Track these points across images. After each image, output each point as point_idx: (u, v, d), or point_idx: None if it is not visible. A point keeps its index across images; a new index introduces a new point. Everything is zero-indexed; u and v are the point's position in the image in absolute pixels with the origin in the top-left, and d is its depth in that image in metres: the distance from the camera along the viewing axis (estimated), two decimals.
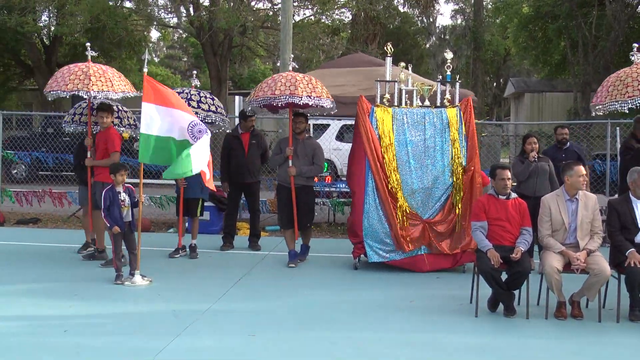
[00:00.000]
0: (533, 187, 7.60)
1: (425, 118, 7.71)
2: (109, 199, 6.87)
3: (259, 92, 7.87)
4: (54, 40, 22.93)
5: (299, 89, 7.63)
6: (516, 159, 8.02)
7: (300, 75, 7.98)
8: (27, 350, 4.84)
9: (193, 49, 38.15)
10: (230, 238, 8.96)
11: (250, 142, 8.81)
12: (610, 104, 7.25)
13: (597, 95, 7.74)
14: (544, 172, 7.69)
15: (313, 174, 8.12)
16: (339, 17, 23.17)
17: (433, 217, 7.62)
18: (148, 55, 7.57)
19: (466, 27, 31.57)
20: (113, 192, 6.90)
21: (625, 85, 7.20)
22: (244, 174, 8.72)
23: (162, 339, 5.06)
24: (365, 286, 7.03)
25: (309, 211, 8.09)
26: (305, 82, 7.75)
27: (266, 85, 7.89)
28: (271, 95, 7.69)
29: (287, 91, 7.62)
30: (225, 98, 21.98)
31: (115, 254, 6.98)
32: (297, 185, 7.92)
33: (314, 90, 7.74)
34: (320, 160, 8.05)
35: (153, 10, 20.88)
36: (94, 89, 7.36)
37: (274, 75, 8.19)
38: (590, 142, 15.08)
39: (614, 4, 18.17)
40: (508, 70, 39.82)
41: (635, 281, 5.65)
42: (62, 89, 7.42)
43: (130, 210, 7.00)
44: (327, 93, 7.96)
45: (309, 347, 5.03)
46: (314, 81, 7.93)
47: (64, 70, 7.67)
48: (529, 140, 7.87)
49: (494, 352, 5.00)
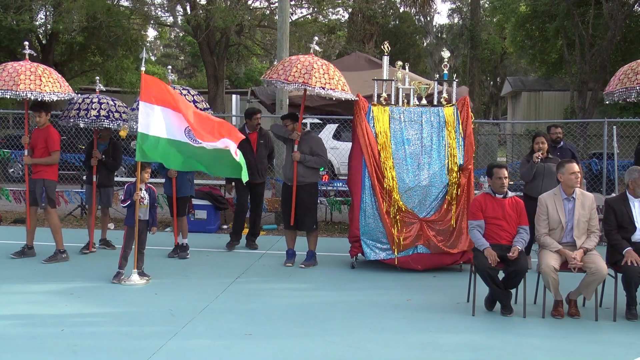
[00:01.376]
0: (538, 188, 7.36)
1: (422, 117, 7.71)
2: (129, 194, 6.95)
3: (274, 74, 7.65)
4: (51, 39, 22.87)
5: (314, 78, 7.38)
6: (523, 158, 7.94)
7: (319, 62, 7.66)
8: (24, 349, 4.83)
9: (190, 48, 38.10)
10: (237, 237, 8.90)
11: (259, 142, 8.69)
12: (620, 90, 7.41)
13: (609, 84, 7.88)
14: (551, 173, 7.39)
15: (318, 164, 7.87)
16: (336, 17, 23.19)
17: (430, 215, 7.62)
18: (145, 54, 7.52)
19: (463, 26, 31.59)
20: (135, 188, 6.93)
21: (635, 73, 7.37)
22: (253, 174, 8.38)
23: (159, 338, 5.06)
24: (362, 285, 7.03)
25: (308, 212, 7.88)
26: (321, 72, 7.48)
27: (282, 68, 7.64)
28: (284, 80, 7.49)
29: (301, 79, 7.39)
30: (223, 97, 21.97)
31: (123, 251, 6.98)
32: (301, 183, 7.82)
33: (328, 82, 7.47)
34: (321, 152, 7.86)
35: (150, 9, 20.86)
36: (22, 87, 7.37)
37: (292, 58, 7.88)
38: (587, 141, 15.12)
39: (611, 3, 18.19)
40: (505, 69, 39.89)
41: (631, 280, 5.66)
42: (12, 89, 7.38)
43: (148, 209, 7.05)
44: (343, 84, 7.68)
45: (305, 346, 5.02)
46: (332, 71, 7.64)
47: (9, 70, 7.57)
48: (538, 140, 7.73)
49: (491, 350, 5.00)
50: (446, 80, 8.01)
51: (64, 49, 24.08)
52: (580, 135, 16.57)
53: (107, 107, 8.16)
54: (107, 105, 8.19)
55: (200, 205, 10.22)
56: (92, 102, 8.15)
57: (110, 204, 8.85)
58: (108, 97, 8.44)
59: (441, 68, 8.33)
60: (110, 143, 8.62)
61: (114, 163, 8.60)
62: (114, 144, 8.67)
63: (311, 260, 7.92)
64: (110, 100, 8.34)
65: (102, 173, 8.47)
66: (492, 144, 16.75)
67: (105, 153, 8.48)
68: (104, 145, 8.56)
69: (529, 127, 20.17)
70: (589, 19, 18.92)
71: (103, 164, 8.44)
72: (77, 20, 18.75)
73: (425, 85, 8.08)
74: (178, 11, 21.09)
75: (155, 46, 47.24)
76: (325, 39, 23.76)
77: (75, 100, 8.19)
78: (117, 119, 8.17)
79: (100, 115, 8.07)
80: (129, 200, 6.94)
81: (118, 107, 8.30)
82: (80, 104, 8.15)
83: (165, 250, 8.41)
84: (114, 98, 8.55)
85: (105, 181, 8.57)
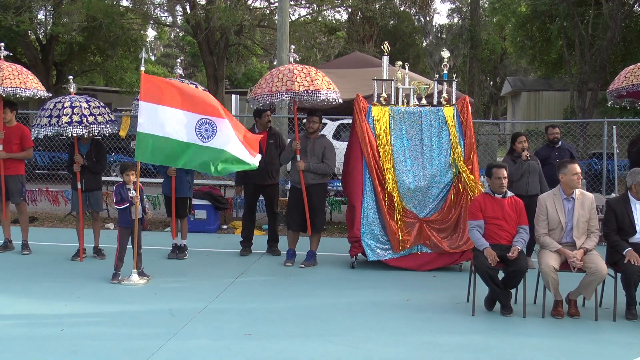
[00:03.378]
0: (525, 186, 7.65)
1: (422, 117, 7.71)
2: (119, 195, 6.91)
3: (257, 90, 7.75)
4: (50, 39, 22.87)
5: (296, 83, 7.44)
6: (508, 159, 7.97)
7: (299, 67, 7.73)
8: (24, 349, 4.83)
9: (190, 48, 38.10)
10: (249, 242, 8.57)
11: (268, 142, 8.33)
12: (625, 87, 7.50)
13: (614, 82, 7.95)
14: (535, 170, 7.77)
15: (322, 172, 7.85)
16: (336, 17, 23.20)
17: (430, 215, 7.63)
18: (145, 54, 7.45)
19: (463, 26, 31.59)
20: (124, 189, 6.93)
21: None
22: (263, 175, 8.20)
23: (158, 338, 5.06)
24: (362, 285, 7.03)
25: (319, 213, 7.88)
26: (302, 76, 7.53)
27: (264, 82, 7.74)
28: (268, 93, 7.54)
29: (284, 87, 7.45)
30: (222, 97, 21.98)
31: (118, 252, 6.97)
32: (309, 183, 7.78)
33: (312, 84, 7.50)
34: (330, 159, 7.84)
35: (149, 9, 20.87)
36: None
37: (272, 70, 7.96)
38: (586, 140, 15.12)
39: (611, 3, 18.20)
40: (505, 69, 39.92)
41: (631, 279, 5.65)
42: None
43: (140, 208, 7.02)
44: (328, 84, 7.69)
45: (305, 346, 5.02)
46: (314, 72, 7.68)
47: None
48: (520, 139, 7.87)
49: (491, 350, 5.00)
50: (446, 80, 8.00)
51: (63, 49, 24.09)
52: (580, 135, 16.57)
53: (79, 112, 7.55)
54: (80, 109, 7.57)
55: (200, 205, 10.21)
56: (63, 108, 7.56)
57: (100, 207, 8.42)
58: (83, 98, 7.83)
59: (441, 68, 8.32)
60: (93, 143, 8.08)
61: (97, 166, 8.07)
62: (97, 144, 8.15)
63: (311, 260, 7.91)
64: (84, 102, 7.70)
65: (87, 176, 7.98)
66: (492, 144, 16.73)
67: (88, 155, 7.97)
68: (86, 146, 8.03)
69: (529, 127, 20.18)
70: (588, 19, 18.93)
71: (86, 166, 7.96)
72: (77, 20, 18.74)
73: (425, 85, 8.08)
74: (178, 11, 21.11)
75: (155, 46, 47.28)
76: (325, 39, 23.76)
77: (46, 107, 7.72)
78: (92, 123, 7.54)
79: (72, 122, 7.46)
80: (126, 203, 6.89)
81: (92, 110, 7.68)
82: (51, 110, 7.60)
83: (165, 250, 8.41)
84: (89, 98, 7.93)
85: (92, 184, 8.07)
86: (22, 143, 8.20)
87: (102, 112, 7.74)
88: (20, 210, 8.44)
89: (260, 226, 10.30)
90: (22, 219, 8.43)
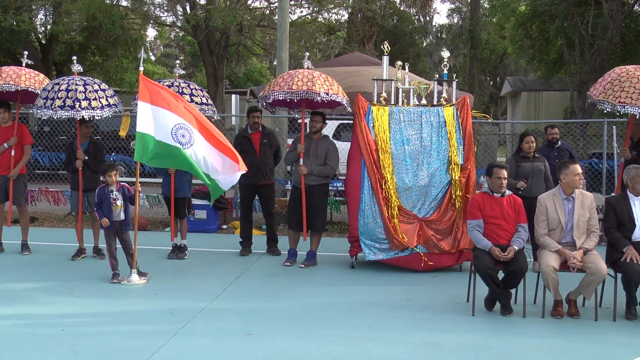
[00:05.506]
0: (528, 187, 7.51)
1: (422, 117, 7.71)
2: (100, 197, 6.90)
3: (275, 87, 7.74)
4: (51, 39, 22.88)
5: (317, 85, 7.55)
6: (511, 159, 7.94)
7: (317, 72, 7.91)
8: (23, 349, 4.83)
9: (190, 48, 38.10)
10: (248, 242, 8.58)
11: (262, 142, 8.38)
12: (601, 102, 7.37)
13: (594, 86, 7.81)
14: (539, 172, 7.63)
15: (325, 174, 7.89)
16: (335, 17, 23.20)
17: (429, 215, 7.62)
18: (144, 54, 7.41)
19: (463, 26, 31.60)
20: (105, 191, 6.92)
21: (621, 89, 7.25)
22: (257, 175, 8.25)
23: (158, 338, 5.06)
24: (362, 285, 7.03)
25: (320, 213, 7.91)
26: (322, 79, 7.69)
27: (282, 80, 7.77)
28: (288, 90, 7.58)
29: (305, 87, 7.54)
30: (222, 97, 21.98)
31: (109, 252, 6.97)
32: (310, 184, 7.80)
33: (330, 88, 7.67)
34: (333, 160, 7.86)
35: (149, 9, 20.86)
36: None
37: (290, 71, 8.05)
38: (586, 140, 15.12)
39: (611, 3, 18.19)
40: (505, 69, 39.92)
41: (631, 278, 5.65)
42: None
43: (122, 210, 6.97)
44: (343, 92, 7.91)
45: (305, 346, 5.02)
46: (331, 79, 7.86)
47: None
48: (527, 139, 7.78)
49: (491, 350, 5.00)
50: (446, 80, 8.01)
51: (63, 49, 24.10)
52: (580, 135, 16.56)
53: (73, 96, 7.25)
54: (75, 92, 7.27)
55: (200, 205, 10.20)
56: (59, 90, 7.32)
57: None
58: (82, 80, 7.55)
59: (441, 68, 8.33)
60: (91, 142, 8.05)
61: (96, 163, 7.93)
62: (95, 143, 8.12)
63: (311, 260, 7.91)
64: (82, 86, 7.39)
65: (85, 176, 7.89)
66: (492, 144, 16.72)
67: (86, 154, 7.91)
68: (84, 145, 7.98)
69: (529, 127, 20.18)
70: (588, 19, 18.93)
71: (86, 165, 7.89)
72: (78, 20, 18.75)
73: (425, 85, 8.08)
74: (178, 11, 21.10)
75: (155, 46, 47.28)
76: (325, 39, 23.76)
77: (46, 88, 7.57)
78: (85, 107, 7.23)
79: (65, 105, 7.20)
80: (102, 206, 6.91)
81: (88, 94, 7.35)
82: (48, 92, 7.42)
83: (165, 250, 8.40)
84: (89, 81, 7.62)
85: (91, 184, 7.83)
86: (21, 141, 8.18)
87: (99, 97, 7.43)
88: (22, 211, 8.42)
89: (260, 226, 10.30)
90: (23, 220, 8.42)
